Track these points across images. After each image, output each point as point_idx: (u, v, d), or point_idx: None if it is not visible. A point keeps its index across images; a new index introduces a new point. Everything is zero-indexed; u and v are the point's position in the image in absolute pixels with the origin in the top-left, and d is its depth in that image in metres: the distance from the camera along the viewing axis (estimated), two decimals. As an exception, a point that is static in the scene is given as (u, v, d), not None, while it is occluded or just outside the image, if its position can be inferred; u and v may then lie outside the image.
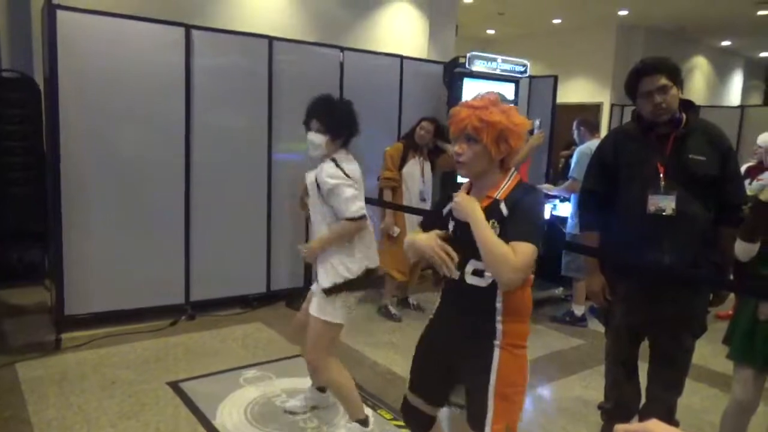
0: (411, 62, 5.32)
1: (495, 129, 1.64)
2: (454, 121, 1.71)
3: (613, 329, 2.59)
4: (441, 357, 1.85)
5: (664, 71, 2.26)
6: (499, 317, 1.71)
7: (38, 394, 2.94)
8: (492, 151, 1.66)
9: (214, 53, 4.14)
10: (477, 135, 1.65)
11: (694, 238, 2.29)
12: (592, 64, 10.72)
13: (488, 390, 1.69)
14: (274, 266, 4.56)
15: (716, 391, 3.35)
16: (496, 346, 1.71)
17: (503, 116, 1.65)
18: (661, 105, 2.25)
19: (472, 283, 1.71)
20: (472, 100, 1.72)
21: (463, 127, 1.67)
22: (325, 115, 2.43)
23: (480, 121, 1.64)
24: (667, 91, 2.25)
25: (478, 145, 1.67)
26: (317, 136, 2.42)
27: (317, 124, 2.43)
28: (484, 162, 1.69)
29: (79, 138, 3.65)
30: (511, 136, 1.66)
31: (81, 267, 3.73)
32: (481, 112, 1.64)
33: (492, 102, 1.68)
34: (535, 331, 4.32)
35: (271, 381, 3.23)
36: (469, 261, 1.71)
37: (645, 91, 2.27)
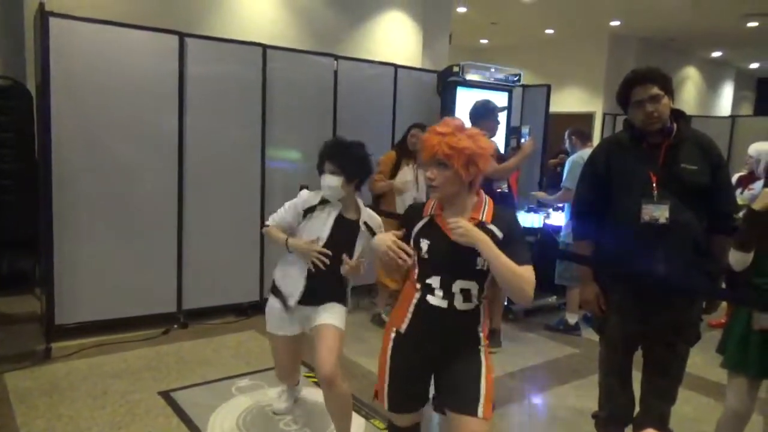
0: (405, 71, 5.34)
1: (464, 155, 1.74)
2: (425, 147, 1.80)
3: (606, 338, 2.59)
4: (421, 369, 1.91)
5: (655, 81, 2.27)
6: (480, 327, 1.88)
7: (27, 404, 2.90)
8: (462, 175, 1.76)
9: (208, 61, 4.14)
10: (447, 161, 1.75)
11: (688, 246, 2.30)
12: (585, 74, 10.81)
13: (480, 382, 1.82)
14: (268, 274, 4.50)
15: (710, 400, 3.35)
16: (481, 347, 1.87)
17: (470, 141, 1.75)
18: (652, 114, 2.26)
19: (462, 309, 1.82)
20: (439, 127, 1.80)
21: (434, 153, 1.76)
22: (338, 156, 2.46)
23: (450, 147, 1.74)
24: (659, 100, 2.26)
25: (449, 170, 1.77)
26: (333, 179, 2.44)
27: (331, 167, 2.45)
28: (456, 185, 1.80)
29: (70, 146, 3.63)
30: (479, 159, 1.77)
31: (72, 275, 3.69)
32: (450, 138, 1.75)
33: (458, 128, 1.79)
34: (529, 340, 4.32)
35: (264, 390, 3.21)
36: (455, 281, 1.80)
37: (637, 100, 2.29)
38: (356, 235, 2.50)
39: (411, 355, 1.89)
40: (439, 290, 1.81)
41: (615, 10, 8.97)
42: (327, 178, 2.46)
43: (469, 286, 1.80)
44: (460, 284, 1.80)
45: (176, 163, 4.04)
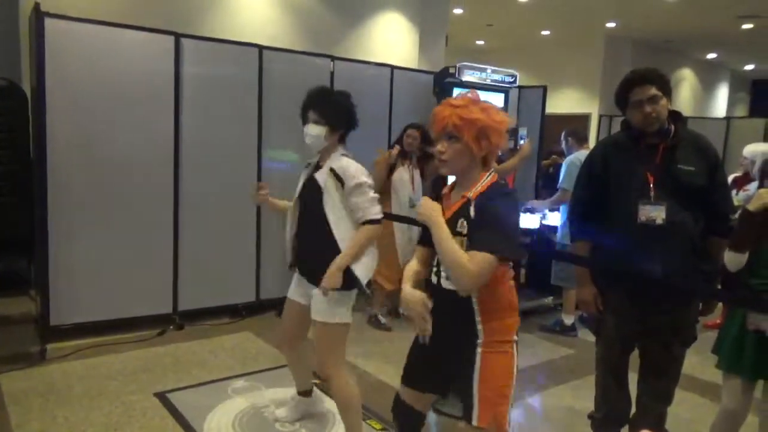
0: (401, 72, 5.34)
1: (475, 126, 1.67)
2: (435, 120, 1.74)
3: (603, 338, 2.59)
4: (430, 354, 1.87)
5: (654, 82, 2.29)
6: (478, 318, 1.74)
7: (22, 406, 2.89)
8: (473, 149, 1.69)
9: (204, 62, 4.13)
10: (458, 133, 1.68)
11: (684, 247, 2.31)
12: (581, 75, 10.84)
13: (473, 385, 1.73)
14: (264, 275, 4.53)
15: (706, 400, 3.36)
16: (478, 345, 1.75)
17: (483, 114, 1.68)
18: (651, 114, 2.27)
19: (448, 288, 1.75)
20: (453, 99, 1.75)
21: (444, 126, 1.70)
22: (322, 105, 2.38)
23: (460, 119, 1.67)
24: (657, 101, 2.28)
25: (459, 143, 1.70)
26: (315, 128, 2.37)
27: (315, 115, 2.38)
28: (465, 159, 1.72)
29: (66, 146, 3.62)
30: (491, 133, 1.69)
31: (67, 276, 3.68)
32: (461, 110, 1.68)
33: (472, 101, 1.72)
34: (525, 340, 4.32)
35: (260, 392, 3.20)
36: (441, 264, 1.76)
37: (635, 100, 2.30)
38: (319, 187, 2.36)
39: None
40: (435, 267, 1.80)
41: (611, 12, 9.01)
42: (309, 126, 2.38)
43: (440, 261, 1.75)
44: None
45: (172, 164, 4.03)
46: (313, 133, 2.38)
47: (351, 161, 2.39)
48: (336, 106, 2.41)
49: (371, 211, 2.32)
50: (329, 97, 2.45)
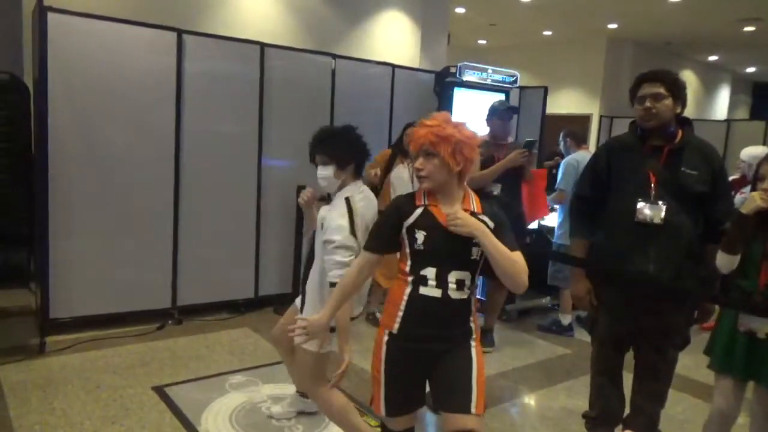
0: (402, 71, 5.36)
1: (449, 142, 1.80)
2: (413, 139, 1.87)
3: (597, 338, 2.62)
4: (418, 370, 1.89)
5: (663, 81, 2.34)
6: (471, 317, 1.90)
7: (21, 398, 2.91)
8: (450, 163, 1.81)
9: (206, 58, 4.15)
10: (434, 149, 1.80)
11: (680, 249, 2.33)
12: (582, 76, 10.84)
13: (472, 378, 1.83)
14: (263, 272, 4.55)
15: (699, 401, 3.38)
16: (472, 340, 1.90)
17: (455, 131, 1.82)
18: (650, 110, 2.31)
19: (456, 298, 1.83)
20: (427, 119, 1.87)
21: (422, 144, 1.83)
22: (326, 145, 2.39)
23: (436, 136, 1.80)
24: (660, 99, 2.31)
25: (436, 159, 1.81)
26: (324, 169, 2.38)
27: (322, 157, 2.39)
28: (444, 174, 1.83)
29: (67, 141, 3.64)
30: (464, 147, 1.82)
31: (67, 270, 3.70)
32: (436, 128, 1.81)
33: (445, 119, 1.85)
34: (522, 340, 4.35)
35: (258, 387, 3.22)
36: (450, 272, 1.81)
37: (640, 95, 2.36)
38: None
39: (406, 357, 1.86)
40: (433, 281, 1.80)
41: (612, 13, 9.01)
42: (318, 169, 2.40)
43: (463, 277, 1.82)
44: (455, 275, 1.81)
45: (173, 160, 4.05)
46: (323, 175, 2.39)
47: (342, 213, 2.26)
48: (340, 144, 2.39)
49: (331, 274, 2.20)
50: (331, 134, 2.44)
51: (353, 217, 2.25)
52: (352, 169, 2.40)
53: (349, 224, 2.24)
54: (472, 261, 1.82)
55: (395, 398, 1.91)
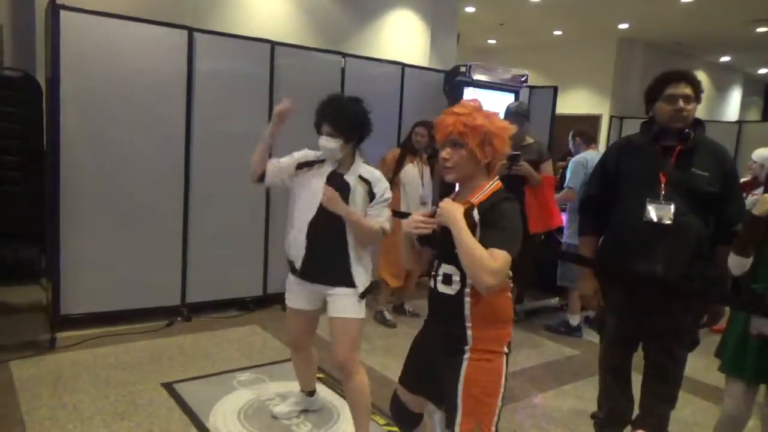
0: (412, 70, 5.35)
1: (479, 132, 1.70)
2: (439, 128, 1.76)
3: (605, 339, 2.61)
4: (424, 357, 1.92)
5: (692, 83, 2.33)
6: (468, 323, 1.75)
7: (32, 393, 2.94)
8: (478, 155, 1.72)
9: (216, 57, 4.16)
10: (462, 139, 1.71)
11: (689, 250, 2.32)
12: (592, 76, 10.79)
13: (457, 392, 1.74)
14: (271, 269, 4.56)
15: (709, 404, 3.36)
16: (466, 351, 1.75)
17: (486, 120, 1.72)
18: (681, 111, 2.29)
19: (442, 291, 1.79)
20: (455, 107, 1.77)
21: (449, 133, 1.73)
22: (335, 116, 2.38)
23: (464, 125, 1.70)
24: (690, 101, 2.30)
25: (463, 150, 1.73)
26: (330, 141, 2.38)
27: (328, 128, 2.38)
28: (471, 166, 1.75)
29: (79, 138, 3.66)
30: (494, 138, 1.72)
31: (77, 267, 3.73)
32: (465, 117, 1.71)
33: (475, 108, 1.75)
34: (530, 341, 4.34)
35: (265, 384, 3.23)
36: (441, 265, 1.79)
37: (670, 93, 2.32)
38: (348, 190, 2.41)
39: (424, 341, 1.93)
40: (435, 272, 1.83)
41: (623, 13, 8.96)
42: (324, 139, 2.39)
43: (450, 271, 1.76)
44: (443, 268, 1.79)
45: (182, 158, 4.07)
46: (329, 146, 2.39)
47: (379, 174, 2.50)
48: (349, 117, 2.40)
49: (386, 225, 2.44)
50: (342, 107, 2.43)
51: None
52: (353, 143, 2.45)
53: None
54: (456, 255, 1.69)
55: (408, 371, 1.98)
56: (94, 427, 2.66)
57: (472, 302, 1.73)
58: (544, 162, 4.23)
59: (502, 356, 1.77)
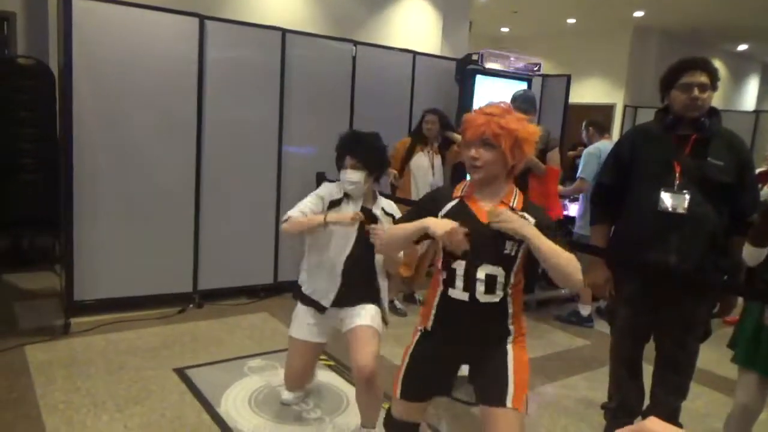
0: (423, 58, 5.32)
1: (512, 136, 1.72)
2: (470, 126, 1.75)
3: (616, 329, 2.59)
4: (446, 366, 1.89)
5: (708, 71, 2.29)
6: (511, 320, 1.83)
7: (46, 376, 2.98)
8: (507, 157, 1.74)
9: (228, 45, 4.16)
10: (496, 141, 1.72)
11: (703, 240, 2.29)
12: (606, 65, 10.66)
13: (508, 373, 1.79)
14: (282, 258, 4.58)
15: (721, 395, 3.34)
16: (509, 342, 1.84)
17: (519, 125, 1.73)
18: (697, 100, 2.26)
19: (486, 302, 1.77)
20: (487, 107, 1.77)
21: (481, 133, 1.72)
22: (359, 150, 2.42)
23: (500, 128, 1.71)
24: (706, 90, 2.27)
25: (495, 151, 1.73)
26: (355, 174, 2.41)
27: (352, 161, 2.42)
28: (498, 167, 1.76)
29: (91, 125, 3.68)
30: (524, 143, 1.74)
31: (91, 253, 3.76)
32: (500, 119, 1.72)
33: (506, 110, 1.76)
34: (541, 330, 4.33)
35: (276, 371, 3.25)
36: (480, 266, 1.74)
37: (686, 82, 2.29)
38: (377, 222, 2.47)
39: (435, 354, 1.87)
40: (460, 279, 1.75)
41: (638, 1, 8.83)
42: (349, 173, 2.42)
43: (495, 272, 1.73)
44: (485, 269, 1.73)
45: (194, 145, 4.08)
46: (354, 179, 2.42)
47: (387, 200, 2.59)
48: (372, 151, 2.46)
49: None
50: (364, 140, 2.48)
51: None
52: (374, 177, 2.49)
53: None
54: (505, 255, 1.73)
55: (410, 385, 1.92)
56: (108, 410, 2.69)
57: (514, 301, 1.82)
58: (550, 151, 4.20)
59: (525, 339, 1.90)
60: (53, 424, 2.55)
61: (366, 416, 2.50)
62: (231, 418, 2.71)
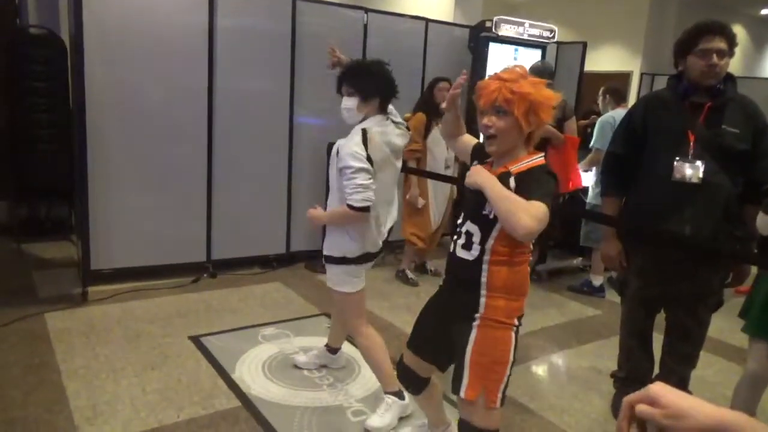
0: (436, 26, 5.23)
1: (526, 101, 1.62)
2: (483, 93, 1.68)
3: (627, 300, 2.59)
4: (435, 321, 1.93)
5: (726, 37, 2.22)
6: (484, 291, 1.73)
7: (66, 343, 3.06)
8: (522, 124, 1.65)
9: (238, 13, 4.12)
10: (508, 107, 1.63)
11: (717, 209, 2.27)
12: (623, 31, 10.40)
13: (465, 356, 1.75)
14: (294, 228, 4.61)
15: (732, 364, 3.35)
16: (477, 318, 1.74)
17: (533, 89, 1.63)
18: (715, 67, 2.20)
19: (461, 256, 1.76)
20: (501, 72, 1.69)
21: (494, 99, 1.64)
22: (352, 76, 2.37)
23: (511, 92, 1.62)
24: (724, 56, 2.21)
25: (508, 117, 1.65)
26: (347, 100, 2.36)
27: (346, 88, 2.38)
28: (513, 135, 1.68)
29: (104, 95, 3.69)
30: (540, 108, 1.64)
31: (106, 223, 3.81)
32: (512, 84, 1.63)
33: (521, 75, 1.66)
34: (552, 300, 4.34)
35: (289, 339, 3.31)
36: (464, 224, 1.76)
37: (704, 48, 2.22)
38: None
39: (438, 299, 1.95)
40: (456, 233, 1.80)
41: (659, -36, 8.56)
42: (343, 100, 2.38)
43: (472, 230, 1.72)
44: (467, 225, 1.75)
45: (206, 115, 4.08)
46: (346, 106, 2.37)
47: (357, 141, 2.27)
48: (367, 75, 2.37)
49: (352, 198, 2.24)
50: (358, 67, 2.42)
51: (368, 146, 2.27)
52: (376, 103, 2.38)
53: (365, 151, 2.25)
54: (483, 216, 1.68)
55: (417, 334, 2.00)
56: (126, 376, 2.77)
57: (491, 270, 1.71)
58: (568, 120, 4.14)
59: (511, 329, 1.76)
60: (74, 388, 2.62)
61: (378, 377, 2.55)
62: (245, 384, 2.78)
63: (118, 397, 2.58)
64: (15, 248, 4.56)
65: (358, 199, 2.23)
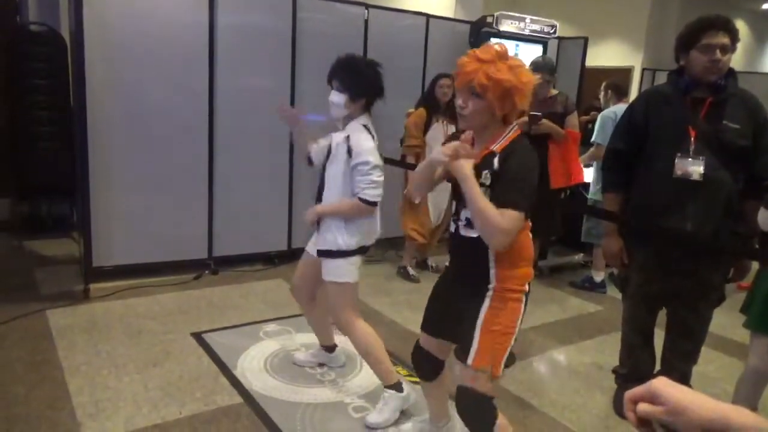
0: (437, 21, 5.22)
1: (501, 87, 1.62)
2: (460, 72, 1.68)
3: (630, 296, 2.59)
4: (446, 300, 1.96)
5: (730, 32, 2.21)
6: (492, 264, 1.77)
7: (68, 340, 3.06)
8: (495, 108, 1.65)
9: (238, 10, 4.11)
10: (482, 92, 1.63)
11: (719, 206, 2.26)
12: (624, 27, 10.37)
13: (475, 328, 1.76)
14: (296, 224, 4.61)
15: (733, 359, 3.35)
16: (489, 289, 1.78)
17: (510, 74, 1.62)
18: (718, 62, 2.19)
19: (465, 235, 1.79)
20: (479, 51, 1.67)
21: (469, 81, 1.64)
22: (345, 73, 2.39)
23: (487, 78, 1.61)
24: (726, 51, 2.20)
25: (481, 101, 1.65)
26: (336, 95, 2.39)
27: (337, 83, 2.40)
28: (485, 117, 1.70)
29: (104, 92, 3.69)
30: (516, 94, 1.64)
31: (107, 220, 3.81)
32: (489, 67, 1.61)
33: (500, 55, 1.64)
34: (553, 296, 4.34)
35: (290, 335, 3.32)
36: (463, 209, 1.79)
37: (707, 43, 2.20)
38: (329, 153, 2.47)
39: (444, 282, 1.99)
40: (456, 215, 1.84)
41: (660, -42, 8.53)
42: (332, 93, 2.40)
43: (470, 216, 1.73)
44: (465, 213, 1.78)
45: (207, 112, 4.08)
46: (335, 101, 2.39)
47: (367, 137, 2.37)
48: (359, 75, 2.39)
49: (367, 192, 2.33)
50: (351, 64, 2.43)
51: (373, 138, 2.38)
52: (362, 103, 2.41)
53: (376, 146, 2.36)
54: None
55: (429, 316, 2.04)
56: (128, 372, 2.77)
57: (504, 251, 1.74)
58: (569, 115, 4.13)
59: (521, 299, 1.79)
60: (77, 385, 2.63)
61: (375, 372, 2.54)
62: (247, 380, 2.78)
63: (120, 393, 2.59)
64: (17, 245, 4.57)
65: (372, 194, 2.33)
